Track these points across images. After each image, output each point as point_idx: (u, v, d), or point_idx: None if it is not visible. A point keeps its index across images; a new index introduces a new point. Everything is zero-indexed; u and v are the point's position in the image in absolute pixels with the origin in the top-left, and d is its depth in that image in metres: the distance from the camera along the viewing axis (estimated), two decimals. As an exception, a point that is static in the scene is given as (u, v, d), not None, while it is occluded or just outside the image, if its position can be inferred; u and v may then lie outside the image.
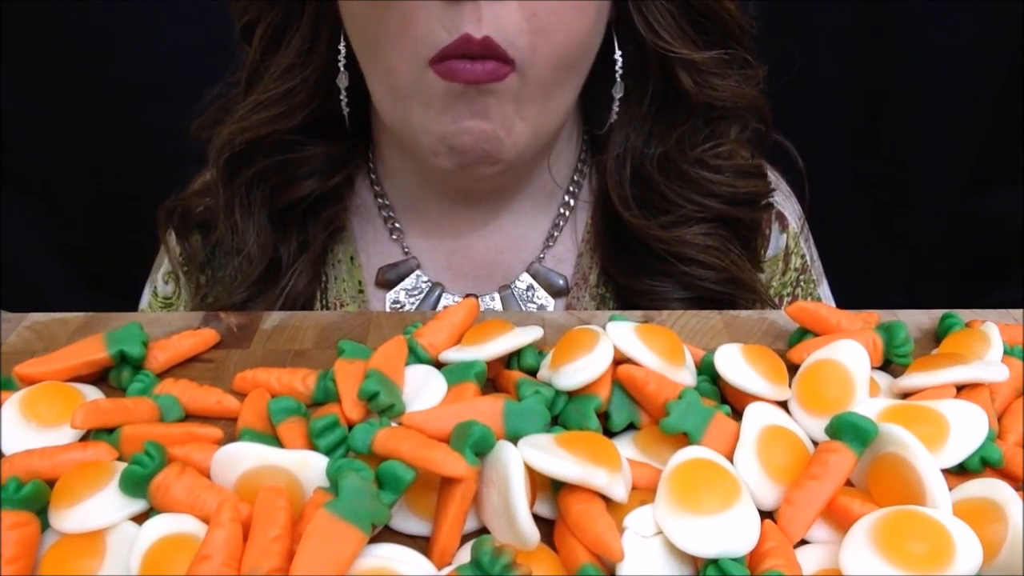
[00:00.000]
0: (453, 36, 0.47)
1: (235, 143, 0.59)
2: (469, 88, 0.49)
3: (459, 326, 0.44)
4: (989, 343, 0.42)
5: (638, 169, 0.60)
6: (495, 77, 0.48)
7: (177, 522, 0.33)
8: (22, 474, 0.34)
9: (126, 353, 0.42)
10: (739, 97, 0.58)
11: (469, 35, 0.47)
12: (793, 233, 0.66)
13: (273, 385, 0.41)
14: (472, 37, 0.47)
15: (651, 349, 0.40)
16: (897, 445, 0.34)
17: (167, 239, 0.66)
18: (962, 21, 0.90)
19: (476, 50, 0.47)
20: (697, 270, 0.59)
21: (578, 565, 0.31)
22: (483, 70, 0.48)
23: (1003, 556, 0.31)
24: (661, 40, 0.55)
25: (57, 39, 0.91)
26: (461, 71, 0.48)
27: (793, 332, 0.46)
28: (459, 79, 0.48)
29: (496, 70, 0.48)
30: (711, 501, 0.32)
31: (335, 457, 0.35)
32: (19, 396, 0.39)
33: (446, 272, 0.63)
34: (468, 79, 0.48)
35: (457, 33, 0.47)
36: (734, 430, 0.37)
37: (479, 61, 0.48)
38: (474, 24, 0.47)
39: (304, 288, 0.61)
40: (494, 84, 0.49)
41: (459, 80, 0.48)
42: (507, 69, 0.49)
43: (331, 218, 0.63)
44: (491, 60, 0.48)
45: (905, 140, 0.96)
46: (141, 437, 0.36)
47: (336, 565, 0.29)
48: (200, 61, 0.67)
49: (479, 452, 0.33)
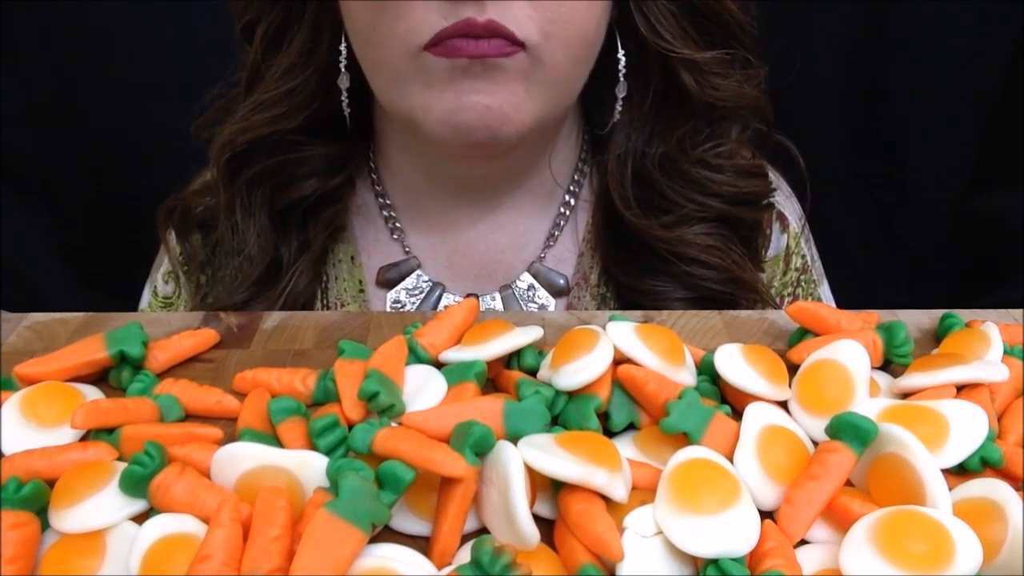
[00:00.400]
0: (451, 22, 0.47)
1: (236, 143, 0.59)
2: (474, 63, 0.48)
3: (459, 326, 0.44)
4: (989, 343, 0.42)
5: (639, 169, 0.60)
6: (502, 53, 0.48)
7: (177, 522, 0.33)
8: (22, 474, 0.34)
9: (126, 353, 0.42)
10: (740, 97, 0.58)
11: (471, 18, 0.47)
12: (794, 233, 0.66)
13: (273, 385, 0.41)
14: (474, 20, 0.47)
15: (651, 349, 0.40)
16: (897, 445, 0.34)
17: (167, 239, 0.66)
18: (962, 21, 0.90)
19: (479, 31, 0.47)
20: (698, 270, 0.59)
21: (578, 565, 0.31)
22: (489, 46, 0.47)
23: (1003, 556, 0.31)
24: (662, 40, 0.55)
25: (57, 39, 0.91)
26: (464, 47, 0.47)
27: (793, 332, 0.46)
28: (462, 55, 0.47)
29: (503, 47, 0.47)
30: (711, 501, 0.32)
31: (335, 457, 0.35)
32: (19, 396, 0.39)
33: (447, 272, 0.63)
34: (473, 54, 0.47)
35: (457, 19, 0.47)
36: (734, 430, 0.37)
37: (484, 40, 0.47)
38: (476, 12, 0.47)
39: (305, 288, 0.61)
40: (502, 59, 0.48)
41: (462, 55, 0.47)
42: (515, 48, 0.48)
43: (332, 218, 0.63)
44: (497, 38, 0.47)
45: (905, 140, 0.96)
46: (141, 437, 0.36)
47: (336, 565, 0.29)
48: (200, 61, 0.67)
49: (479, 452, 0.33)
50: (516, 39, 0.48)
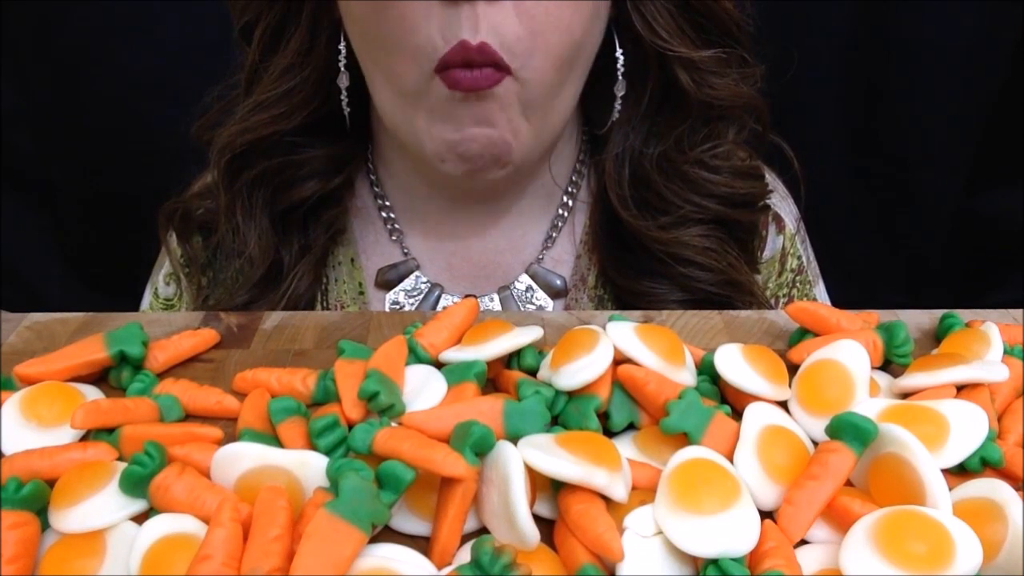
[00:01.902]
0: (451, 43, 0.48)
1: (236, 145, 0.59)
2: (470, 95, 0.49)
3: (459, 326, 0.44)
4: (989, 343, 0.42)
5: (637, 169, 0.60)
6: (494, 81, 0.49)
7: (177, 522, 0.33)
8: (22, 474, 0.34)
9: (126, 353, 0.42)
10: (737, 96, 0.59)
11: (466, 42, 0.48)
12: (790, 234, 0.66)
13: (273, 385, 0.41)
14: (469, 44, 0.48)
15: (651, 349, 0.40)
16: (897, 445, 0.34)
17: (168, 241, 0.66)
18: (962, 21, 0.89)
19: (474, 56, 0.48)
20: (695, 272, 0.59)
21: (578, 565, 0.31)
22: (480, 75, 0.49)
23: (1003, 556, 0.31)
24: (659, 39, 0.55)
25: (57, 39, 0.91)
26: (463, 79, 0.49)
27: (793, 332, 0.46)
28: (460, 87, 0.49)
29: (491, 75, 0.49)
30: (711, 501, 0.32)
31: (335, 457, 0.35)
32: (19, 396, 0.39)
33: (445, 273, 0.63)
34: (469, 86, 0.49)
35: (455, 39, 0.48)
36: (734, 430, 0.37)
37: (477, 68, 0.49)
38: (471, 30, 0.48)
39: (306, 290, 0.61)
40: (492, 88, 0.49)
41: (460, 88, 0.49)
42: (500, 75, 0.49)
43: (332, 220, 0.63)
44: (488, 67, 0.49)
45: (905, 140, 0.96)
46: (141, 437, 0.36)
47: (336, 565, 0.29)
48: (200, 61, 0.67)
49: (479, 452, 0.33)
50: (503, 64, 0.49)
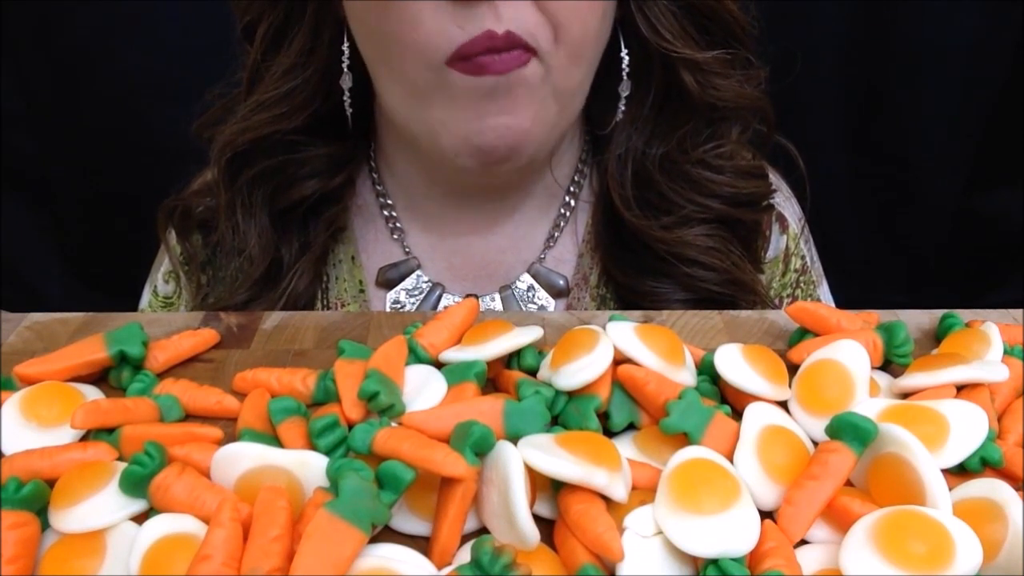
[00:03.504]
0: (472, 33, 0.48)
1: (236, 143, 0.59)
2: (499, 83, 0.49)
3: (459, 326, 0.44)
4: (989, 343, 0.42)
5: (639, 169, 0.60)
6: (521, 62, 0.49)
7: (177, 522, 0.33)
8: (22, 474, 0.34)
9: (126, 353, 0.42)
10: (741, 97, 0.59)
11: (492, 31, 0.48)
12: (793, 235, 0.66)
13: (273, 385, 0.41)
14: (495, 32, 0.48)
15: (651, 349, 0.40)
16: (897, 445, 0.34)
17: (167, 239, 0.66)
18: (962, 21, 0.89)
19: (500, 44, 0.48)
20: (698, 271, 0.59)
21: (578, 565, 0.31)
22: (509, 58, 0.49)
23: (1003, 556, 0.31)
24: (663, 40, 0.55)
25: (57, 39, 0.91)
26: (490, 65, 0.49)
27: (793, 332, 0.46)
28: (488, 72, 0.49)
29: (520, 56, 0.49)
30: (711, 501, 0.32)
31: (335, 457, 0.35)
32: (19, 396, 0.39)
33: (447, 272, 0.63)
34: (498, 70, 0.49)
35: (478, 30, 0.48)
36: (734, 430, 0.37)
37: (505, 52, 0.49)
38: (494, 21, 0.48)
39: (305, 289, 0.61)
40: (520, 71, 0.49)
41: (488, 73, 0.49)
42: (529, 55, 0.49)
43: (332, 218, 0.63)
44: (516, 49, 0.49)
45: (905, 140, 0.96)
46: (141, 437, 0.36)
47: (336, 565, 0.29)
48: (200, 61, 0.67)
49: (479, 452, 0.33)
50: (529, 46, 0.49)
